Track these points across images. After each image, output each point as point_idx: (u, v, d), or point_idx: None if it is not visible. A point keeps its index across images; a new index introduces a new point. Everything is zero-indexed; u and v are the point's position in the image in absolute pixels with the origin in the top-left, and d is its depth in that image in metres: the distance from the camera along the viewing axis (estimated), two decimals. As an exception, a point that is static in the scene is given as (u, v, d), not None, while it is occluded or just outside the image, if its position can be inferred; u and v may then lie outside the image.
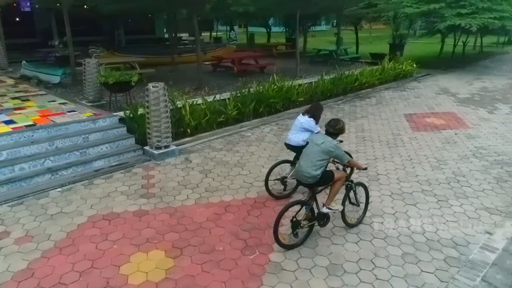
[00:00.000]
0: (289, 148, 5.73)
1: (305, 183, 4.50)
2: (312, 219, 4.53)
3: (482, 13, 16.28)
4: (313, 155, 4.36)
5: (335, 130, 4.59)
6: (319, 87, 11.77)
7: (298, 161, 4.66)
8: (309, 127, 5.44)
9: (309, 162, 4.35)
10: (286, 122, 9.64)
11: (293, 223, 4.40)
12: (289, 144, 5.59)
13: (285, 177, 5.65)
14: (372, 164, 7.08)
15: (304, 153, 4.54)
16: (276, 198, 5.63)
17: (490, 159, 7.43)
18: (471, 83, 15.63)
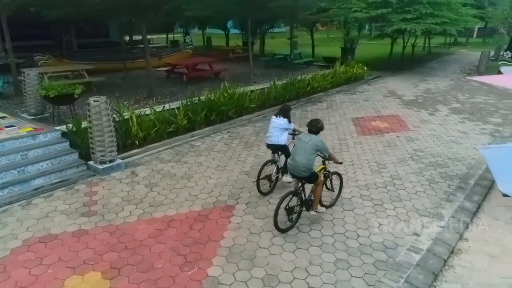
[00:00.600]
0: (272, 148, 6.34)
1: (300, 176, 5.20)
2: (301, 205, 5.34)
3: (425, 19, 17.24)
4: (305, 151, 5.07)
5: (317, 128, 5.30)
6: (271, 92, 11.98)
7: (292, 158, 5.24)
8: (287, 126, 6.19)
9: (303, 157, 5.03)
10: (238, 129, 9.76)
11: (287, 210, 5.16)
12: (274, 144, 6.20)
13: (271, 175, 6.28)
14: (316, 170, 7.34)
15: (297, 151, 5.19)
16: (264, 195, 6.22)
17: (426, 161, 7.94)
18: (417, 85, 16.53)
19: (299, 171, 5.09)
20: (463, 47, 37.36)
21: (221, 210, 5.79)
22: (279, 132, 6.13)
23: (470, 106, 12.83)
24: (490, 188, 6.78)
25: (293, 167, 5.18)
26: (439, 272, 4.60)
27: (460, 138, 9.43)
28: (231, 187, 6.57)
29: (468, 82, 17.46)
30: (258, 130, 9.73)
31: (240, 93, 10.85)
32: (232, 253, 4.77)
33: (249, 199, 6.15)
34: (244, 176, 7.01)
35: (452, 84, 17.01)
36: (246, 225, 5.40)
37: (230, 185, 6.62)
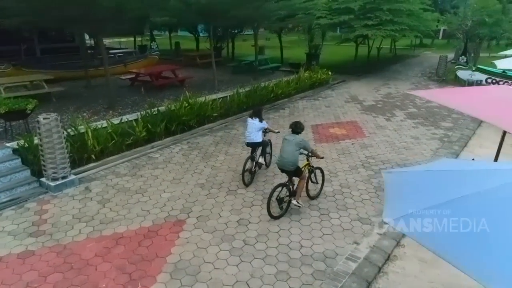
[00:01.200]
0: (251, 146, 7.43)
1: (288, 170, 6.09)
2: (290, 196, 6.18)
3: (386, 25, 17.87)
4: (291, 148, 5.97)
5: (298, 129, 6.25)
6: (234, 101, 12.16)
7: (280, 155, 6.16)
8: (262, 125, 7.35)
9: (290, 154, 5.97)
10: (198, 140, 9.88)
11: (278, 200, 6.07)
12: (253, 142, 7.32)
13: (251, 169, 7.35)
14: (270, 181, 7.58)
15: (283, 149, 6.08)
16: (246, 186, 7.24)
17: (376, 168, 8.33)
18: (378, 89, 17.12)
19: (287, 166, 6.02)
20: (428, 49, 38.78)
21: (172, 225, 5.92)
22: (257, 132, 7.27)
23: (425, 110, 13.44)
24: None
25: (282, 163, 6.09)
26: (373, 279, 4.91)
27: (411, 144, 9.92)
28: (184, 200, 6.70)
29: (426, 86, 18.25)
30: (218, 140, 9.88)
31: (202, 102, 10.96)
32: (177, 269, 4.91)
33: (201, 213, 6.31)
34: (198, 188, 7.15)
35: (412, 88, 17.70)
36: (195, 240, 5.55)
37: (183, 199, 6.75)
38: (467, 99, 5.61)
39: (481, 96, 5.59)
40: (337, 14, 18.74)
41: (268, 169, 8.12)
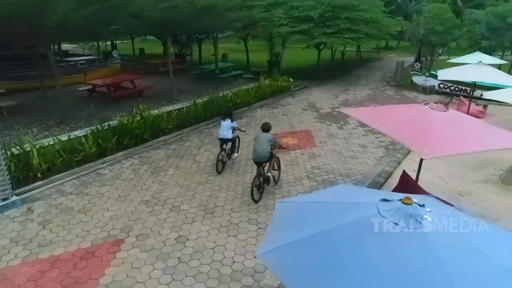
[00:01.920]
0: (223, 141, 8.90)
1: (261, 161, 7.47)
2: (264, 182, 7.67)
3: (344, 33, 18.45)
4: (264, 144, 7.42)
5: (267, 128, 7.81)
6: (191, 111, 12.32)
7: (255, 150, 7.51)
8: (233, 125, 8.90)
9: (263, 149, 7.39)
10: (150, 153, 9.99)
11: (257, 186, 7.44)
12: (224, 138, 8.84)
13: (223, 159, 8.88)
14: (215, 195, 7.81)
15: (257, 145, 7.46)
16: (219, 173, 8.72)
17: (319, 179, 8.72)
18: (337, 96, 17.66)
19: (263, 159, 7.45)
20: (393, 51, 40.10)
21: (110, 245, 6.06)
22: (227, 130, 8.80)
23: (378, 117, 14.02)
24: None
25: (257, 157, 7.47)
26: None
27: (358, 153, 10.39)
28: (126, 219, 6.84)
29: (384, 92, 18.98)
30: (170, 153, 10.03)
31: (156, 115, 11.08)
32: (108, 291, 5.08)
33: (141, 231, 6.47)
34: (142, 206, 7.31)
35: (369, 93, 18.38)
36: (130, 260, 5.72)
37: (126, 217, 6.89)
38: (385, 119, 6.03)
39: (398, 116, 6.02)
40: (298, 22, 19.21)
41: (214, 184, 8.34)
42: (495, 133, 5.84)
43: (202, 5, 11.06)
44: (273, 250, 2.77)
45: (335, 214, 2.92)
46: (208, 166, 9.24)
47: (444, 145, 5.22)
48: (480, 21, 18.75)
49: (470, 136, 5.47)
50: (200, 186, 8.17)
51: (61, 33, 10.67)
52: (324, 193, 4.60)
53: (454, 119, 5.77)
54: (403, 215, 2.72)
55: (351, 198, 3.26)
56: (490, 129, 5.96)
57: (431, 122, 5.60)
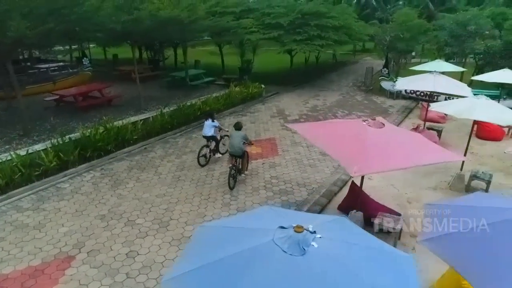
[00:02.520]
0: (206, 138, 10.20)
1: (237, 155, 8.89)
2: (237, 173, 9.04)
3: (313, 40, 18.86)
4: (238, 140, 8.75)
5: (240, 127, 9.10)
6: (157, 121, 12.44)
7: (231, 145, 8.82)
8: (214, 124, 10.11)
9: (238, 144, 8.73)
10: (113, 165, 10.10)
11: (232, 175, 8.83)
12: (206, 135, 10.13)
13: (206, 154, 10.20)
14: (171, 207, 8.01)
15: (232, 141, 8.80)
16: (202, 166, 10.05)
17: (276, 189, 9.01)
18: (307, 102, 18.04)
19: (238, 152, 8.81)
20: (369, 54, 40.89)
21: (60, 262, 6.20)
22: (209, 128, 10.06)
23: (343, 124, 14.43)
24: (319, 213, 7.98)
25: (233, 151, 8.82)
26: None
27: (318, 161, 10.73)
28: (80, 234, 6.98)
29: (353, 97, 19.46)
30: (133, 165, 10.16)
31: (120, 126, 11.18)
32: (52, 309, 5.23)
33: (93, 247, 6.63)
34: (98, 221, 7.45)
35: (339, 99, 18.82)
36: (79, 277, 5.88)
37: (80, 233, 7.03)
38: (324, 135, 6.35)
39: (336, 133, 6.35)
40: (269, 28, 19.55)
41: (172, 196, 8.53)
42: (426, 148, 6.23)
43: (164, 17, 11.21)
44: (175, 277, 3.02)
45: (236, 241, 3.18)
46: (169, 178, 9.43)
47: (374, 162, 5.56)
48: (445, 27, 19.42)
49: (400, 152, 5.82)
50: (158, 198, 8.36)
51: (21, 47, 10.63)
52: (241, 217, 4.85)
53: (388, 136, 6.12)
54: (293, 242, 3.01)
55: (258, 223, 3.53)
56: (422, 144, 6.34)
57: (366, 139, 5.93)
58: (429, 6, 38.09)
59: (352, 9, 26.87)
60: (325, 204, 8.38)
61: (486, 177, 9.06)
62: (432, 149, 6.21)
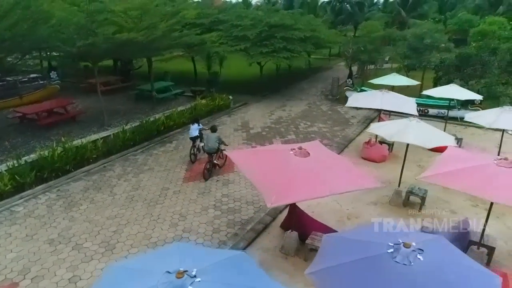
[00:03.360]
0: (193, 139, 12.11)
1: (211, 152, 10.83)
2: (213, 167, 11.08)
3: (280, 52, 19.37)
4: (213, 140, 10.71)
5: (215, 129, 11.14)
6: (119, 138, 12.75)
7: (206, 145, 10.82)
8: (199, 127, 12.14)
9: (213, 144, 10.71)
10: (70, 186, 10.38)
11: (208, 169, 10.89)
12: (193, 137, 12.08)
13: (194, 152, 12.16)
14: (120, 230, 8.39)
15: (208, 141, 10.78)
16: (193, 162, 12.05)
17: (225, 207, 9.47)
18: (273, 113, 18.56)
19: (212, 150, 10.80)
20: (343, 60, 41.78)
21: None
22: (195, 131, 12.08)
23: (303, 136, 15.02)
24: (262, 231, 8.50)
25: (208, 149, 10.83)
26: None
27: (270, 177, 11.22)
28: (27, 260, 7.30)
29: (319, 107, 20.08)
30: (90, 185, 10.47)
31: (79, 145, 11.47)
32: (-10, 338, 5.58)
33: (38, 273, 6.97)
34: (46, 245, 7.77)
35: (304, 109, 19.41)
36: (20, 304, 6.23)
37: (27, 258, 7.35)
38: (253, 163, 6.85)
39: (264, 161, 6.85)
40: (237, 40, 20.02)
41: (122, 218, 8.90)
42: (347, 176, 6.80)
43: (121, 40, 11.53)
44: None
45: (125, 285, 3.65)
46: (122, 198, 9.80)
47: (292, 192, 6.07)
48: (407, 39, 20.21)
49: (320, 181, 6.35)
50: (109, 220, 8.72)
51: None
52: (145, 256, 5.28)
53: (311, 165, 6.64)
54: (172, 287, 3.49)
55: (155, 265, 3.98)
56: (344, 171, 6.91)
57: (288, 169, 6.45)
58: (401, 13, 39.14)
59: (320, 20, 27.52)
60: (269, 222, 8.88)
61: (421, 193, 9.71)
62: (352, 176, 6.78)
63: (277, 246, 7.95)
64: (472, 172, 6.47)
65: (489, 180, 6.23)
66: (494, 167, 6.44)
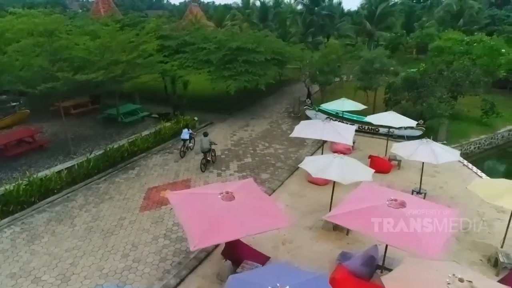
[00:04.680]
0: (184, 140, 16.24)
1: (205, 151, 14.80)
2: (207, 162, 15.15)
3: (241, 75, 20.54)
4: (206, 142, 14.72)
5: (207, 134, 15.17)
6: (83, 167, 13.72)
7: (201, 146, 14.80)
8: (190, 131, 16.46)
9: (206, 145, 14.71)
10: (34, 218, 11.33)
11: (203, 164, 14.97)
12: (184, 138, 16.23)
13: (184, 150, 16.35)
14: (76, 261, 9.44)
15: (202, 143, 14.72)
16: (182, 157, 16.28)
17: (174, 236, 10.61)
18: (235, 133, 19.74)
19: (205, 149, 14.66)
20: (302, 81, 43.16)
21: None
22: (186, 134, 16.15)
23: (258, 159, 16.27)
24: (204, 259, 9.67)
25: (203, 150, 14.69)
26: None
27: (221, 204, 12.42)
28: (-12, 295, 8.31)
29: (280, 126, 21.37)
30: (53, 216, 11.44)
31: (44, 177, 12.41)
32: None
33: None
34: (8, 279, 8.74)
35: (266, 129, 20.65)
36: (-19, 336, 7.25)
37: (-12, 293, 8.36)
38: (187, 207, 8.03)
39: (195, 205, 8.04)
40: (202, 63, 21.17)
41: (79, 250, 9.93)
42: (266, 215, 8.04)
43: (81, 80, 12.52)
44: None
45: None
46: (81, 229, 10.81)
47: (213, 235, 7.27)
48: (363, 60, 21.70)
49: (238, 224, 7.55)
50: (67, 253, 9.75)
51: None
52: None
53: (234, 208, 7.82)
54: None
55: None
56: (265, 211, 8.15)
57: (213, 213, 7.63)
58: (367, 26, 40.93)
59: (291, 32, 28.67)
60: (211, 250, 10.03)
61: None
62: (268, 218, 8.03)
63: (215, 273, 9.15)
64: (365, 213, 7.80)
65: (378, 220, 7.57)
66: (385, 208, 7.80)
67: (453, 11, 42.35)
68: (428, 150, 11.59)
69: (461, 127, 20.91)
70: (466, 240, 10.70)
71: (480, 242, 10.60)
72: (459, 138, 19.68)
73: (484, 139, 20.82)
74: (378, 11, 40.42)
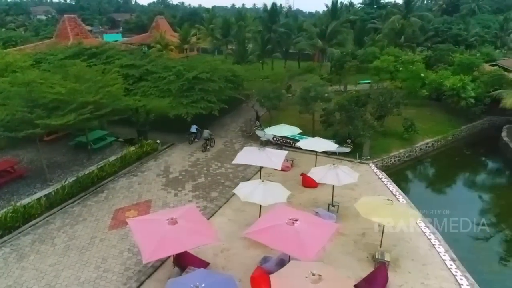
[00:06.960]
0: (191, 133, 24.00)
1: (206, 139, 23.11)
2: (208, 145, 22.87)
3: (197, 102, 23.52)
4: (207, 133, 23.20)
5: (207, 129, 23.50)
6: (59, 194, 16.34)
7: (203, 135, 23.53)
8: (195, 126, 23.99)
9: (206, 135, 23.11)
10: (20, 240, 13.92)
11: (204, 147, 23.08)
12: (192, 132, 23.94)
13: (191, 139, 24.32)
14: (58, 274, 12.19)
15: (204, 133, 23.33)
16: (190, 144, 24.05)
17: (136, 250, 13.48)
18: (193, 154, 22.69)
19: (206, 137, 23.17)
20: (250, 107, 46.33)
21: None
22: (193, 129, 23.91)
23: (211, 179, 19.35)
24: (159, 267, 12.67)
25: (204, 137, 23.15)
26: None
27: (175, 221, 15.43)
28: (-8, 302, 10.99)
29: (233, 145, 24.56)
30: (36, 238, 14.07)
31: (26, 205, 14.98)
32: None
33: None
34: (5, 290, 11.49)
35: (220, 149, 23.76)
36: (-9, 332, 9.97)
37: (-8, 301, 11.03)
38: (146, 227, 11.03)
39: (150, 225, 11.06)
40: (163, 92, 24.00)
41: (60, 264, 12.69)
42: (198, 235, 11.18)
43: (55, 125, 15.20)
44: None
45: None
46: (61, 248, 13.53)
47: (159, 250, 10.32)
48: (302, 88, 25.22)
49: (179, 241, 10.65)
50: (50, 267, 12.49)
51: None
52: None
53: (175, 230, 10.88)
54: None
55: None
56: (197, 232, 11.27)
57: (159, 234, 10.66)
58: (319, 43, 44.83)
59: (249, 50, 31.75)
60: (165, 260, 13.04)
61: (272, 229, 14.42)
62: (201, 236, 11.18)
63: (167, 277, 12.17)
64: (271, 230, 11.10)
65: (280, 236, 10.84)
66: (284, 226, 11.12)
67: (396, 29, 47.00)
68: (334, 174, 15.14)
69: (385, 143, 24.82)
70: (361, 242, 14.28)
71: (370, 243, 14.18)
72: (381, 153, 23.52)
73: (403, 152, 24.84)
74: (329, 30, 44.38)
